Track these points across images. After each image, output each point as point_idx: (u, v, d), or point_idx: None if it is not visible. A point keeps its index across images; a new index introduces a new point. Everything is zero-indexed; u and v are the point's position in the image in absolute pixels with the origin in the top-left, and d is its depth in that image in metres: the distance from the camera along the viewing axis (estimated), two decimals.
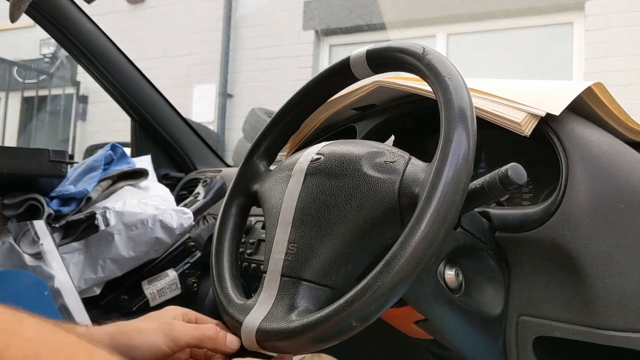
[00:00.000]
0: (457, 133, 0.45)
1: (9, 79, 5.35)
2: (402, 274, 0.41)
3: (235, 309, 0.53)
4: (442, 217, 0.42)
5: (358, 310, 0.42)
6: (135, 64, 1.44)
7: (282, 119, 0.66)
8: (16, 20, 0.72)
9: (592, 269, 0.55)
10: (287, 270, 0.52)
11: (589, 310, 0.55)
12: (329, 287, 0.50)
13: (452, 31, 3.85)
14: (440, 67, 0.50)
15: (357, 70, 0.59)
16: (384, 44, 0.56)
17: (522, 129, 0.59)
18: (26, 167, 1.05)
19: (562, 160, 0.58)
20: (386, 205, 0.49)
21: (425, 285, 0.54)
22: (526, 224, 0.59)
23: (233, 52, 4.57)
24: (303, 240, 0.52)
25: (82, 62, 1.37)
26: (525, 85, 0.67)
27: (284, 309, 0.49)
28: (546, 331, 0.58)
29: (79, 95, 5.11)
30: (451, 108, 0.47)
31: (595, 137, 0.60)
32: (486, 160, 0.80)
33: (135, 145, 1.52)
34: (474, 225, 0.59)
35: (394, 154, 0.52)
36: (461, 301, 0.57)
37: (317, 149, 0.57)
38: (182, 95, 4.34)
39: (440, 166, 0.44)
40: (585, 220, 0.55)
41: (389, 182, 0.50)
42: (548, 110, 0.59)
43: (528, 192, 0.73)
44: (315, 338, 0.44)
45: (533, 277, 0.60)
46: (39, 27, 1.27)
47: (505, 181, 0.46)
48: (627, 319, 0.54)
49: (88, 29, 1.32)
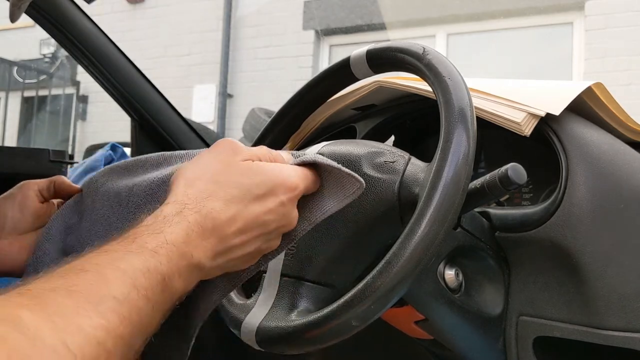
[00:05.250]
0: (457, 133, 0.45)
1: (9, 79, 5.35)
2: (402, 274, 0.41)
3: (236, 308, 0.53)
4: (442, 217, 0.42)
5: (358, 310, 0.42)
6: (135, 64, 1.44)
7: (282, 119, 0.66)
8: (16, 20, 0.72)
9: (592, 269, 0.55)
10: (287, 270, 0.52)
11: (588, 310, 0.55)
12: (329, 287, 0.50)
13: (452, 31, 3.85)
14: (440, 67, 0.50)
15: (357, 70, 0.59)
16: (384, 44, 0.56)
17: (522, 129, 0.59)
18: (26, 167, 1.05)
19: (562, 160, 0.58)
20: (386, 205, 0.49)
21: (425, 285, 0.54)
22: (526, 224, 0.59)
23: (233, 52, 4.57)
24: (303, 240, 0.52)
25: (82, 62, 1.37)
26: (525, 85, 0.67)
27: (284, 308, 0.49)
28: (546, 331, 0.58)
29: (79, 95, 5.11)
30: (451, 108, 0.47)
31: (595, 137, 0.60)
32: (486, 160, 0.80)
33: (135, 145, 1.52)
34: (474, 225, 0.59)
35: (394, 154, 0.52)
36: (461, 301, 0.57)
37: (317, 148, 0.57)
38: (182, 95, 4.33)
39: (440, 166, 0.44)
40: (585, 220, 0.55)
41: (388, 182, 0.50)
42: (548, 110, 0.59)
43: (528, 192, 0.73)
44: (315, 338, 0.44)
45: (533, 277, 0.60)
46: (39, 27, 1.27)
47: (505, 181, 0.47)
48: (627, 318, 0.54)
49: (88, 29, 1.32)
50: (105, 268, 0.33)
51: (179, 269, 0.37)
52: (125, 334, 0.31)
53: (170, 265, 0.36)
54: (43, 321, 0.27)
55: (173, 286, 0.36)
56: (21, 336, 0.26)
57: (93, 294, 0.31)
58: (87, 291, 0.31)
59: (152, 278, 0.34)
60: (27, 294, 0.29)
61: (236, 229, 0.41)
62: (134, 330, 0.32)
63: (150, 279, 0.34)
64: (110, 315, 0.30)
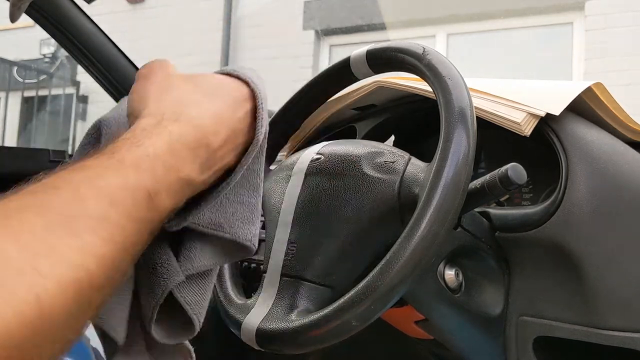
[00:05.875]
0: (457, 133, 0.45)
1: (9, 79, 5.34)
2: (402, 274, 0.41)
3: (235, 308, 0.53)
4: (442, 217, 0.42)
5: (358, 310, 0.42)
6: (135, 64, 1.44)
7: (282, 119, 0.66)
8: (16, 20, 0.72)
9: (592, 269, 0.55)
10: (287, 270, 0.52)
11: (589, 310, 0.55)
12: (329, 287, 0.50)
13: (452, 31, 3.85)
14: (440, 67, 0.50)
15: (357, 70, 0.59)
16: (384, 44, 0.56)
17: (522, 129, 0.59)
18: (26, 167, 1.05)
19: (562, 160, 0.58)
20: (386, 205, 0.49)
21: (425, 285, 0.54)
22: (526, 224, 0.59)
23: (233, 52, 4.57)
24: (303, 240, 0.52)
25: (82, 62, 1.37)
26: (525, 85, 0.67)
27: (284, 308, 0.49)
28: (546, 331, 0.58)
29: (79, 95, 5.11)
30: (451, 108, 0.47)
31: (595, 137, 0.60)
32: (486, 160, 0.80)
33: None
34: (474, 225, 0.59)
35: (394, 154, 0.52)
36: (461, 301, 0.57)
37: (317, 149, 0.57)
38: None
39: (440, 166, 0.44)
40: (585, 220, 0.55)
41: (388, 182, 0.50)
42: (548, 110, 0.59)
43: (528, 192, 0.73)
44: (315, 338, 0.44)
45: (533, 277, 0.60)
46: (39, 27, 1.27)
47: (505, 181, 0.47)
48: (627, 319, 0.54)
49: (88, 29, 1.32)
50: (79, 186, 0.29)
51: (166, 184, 0.34)
52: (107, 254, 0.28)
53: (155, 180, 0.33)
54: (8, 242, 0.24)
55: (160, 203, 0.33)
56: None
57: (67, 213, 0.27)
58: (60, 210, 0.27)
59: (134, 195, 0.31)
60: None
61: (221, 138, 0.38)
62: (118, 251, 0.29)
63: (133, 196, 0.31)
64: (88, 236, 0.27)
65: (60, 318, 0.24)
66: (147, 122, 0.36)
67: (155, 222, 0.33)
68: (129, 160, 0.32)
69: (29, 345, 0.23)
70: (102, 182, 0.30)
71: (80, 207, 0.28)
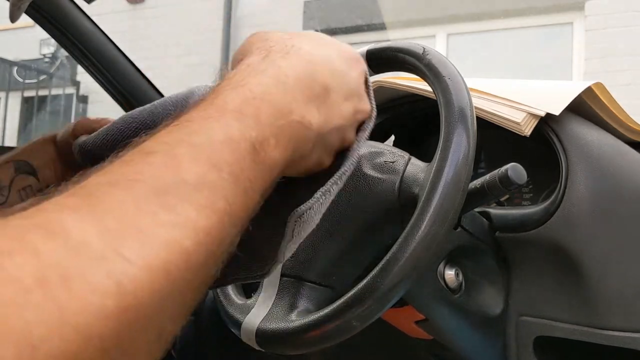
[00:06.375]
0: (457, 133, 0.45)
1: (9, 79, 5.35)
2: (402, 274, 0.41)
3: (235, 308, 0.53)
4: (442, 217, 0.42)
5: (358, 310, 0.42)
6: (136, 64, 1.44)
7: None
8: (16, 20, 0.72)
9: (592, 269, 0.55)
10: (287, 270, 0.52)
11: (589, 310, 0.55)
12: (329, 287, 0.50)
13: (452, 31, 3.86)
14: (440, 67, 0.50)
15: None
16: (384, 44, 0.56)
17: (522, 129, 0.59)
18: None
19: (562, 160, 0.58)
20: (386, 205, 0.49)
21: (425, 285, 0.54)
22: (526, 224, 0.59)
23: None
24: (303, 240, 0.52)
25: (82, 62, 1.37)
26: (525, 85, 0.67)
27: (284, 309, 0.49)
28: (546, 331, 0.58)
29: (79, 95, 5.11)
30: (451, 108, 0.47)
31: (595, 137, 0.60)
32: (486, 160, 0.80)
33: None
34: (474, 225, 0.59)
35: (394, 154, 0.52)
36: (461, 301, 0.57)
37: None
38: None
39: (440, 166, 0.44)
40: (585, 220, 0.55)
41: (388, 182, 0.50)
42: (548, 110, 0.59)
43: (528, 192, 0.73)
44: (315, 338, 0.44)
45: (533, 277, 0.60)
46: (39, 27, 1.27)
47: (505, 181, 0.47)
48: (628, 318, 0.54)
49: (88, 29, 1.32)
50: (175, 146, 0.25)
51: (273, 130, 0.28)
52: (206, 226, 0.24)
53: (260, 127, 0.27)
54: (90, 224, 0.21)
55: (268, 156, 0.28)
56: (59, 246, 0.19)
57: (159, 183, 0.23)
58: (152, 180, 0.23)
59: (238, 149, 0.26)
60: (80, 192, 0.22)
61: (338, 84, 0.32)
62: (220, 221, 0.24)
63: (236, 151, 0.26)
64: (182, 207, 0.23)
65: (150, 306, 0.21)
66: (252, 59, 0.31)
67: (266, 180, 0.28)
68: (232, 104, 0.28)
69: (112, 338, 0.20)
70: (200, 138, 0.26)
71: (175, 173, 0.24)
